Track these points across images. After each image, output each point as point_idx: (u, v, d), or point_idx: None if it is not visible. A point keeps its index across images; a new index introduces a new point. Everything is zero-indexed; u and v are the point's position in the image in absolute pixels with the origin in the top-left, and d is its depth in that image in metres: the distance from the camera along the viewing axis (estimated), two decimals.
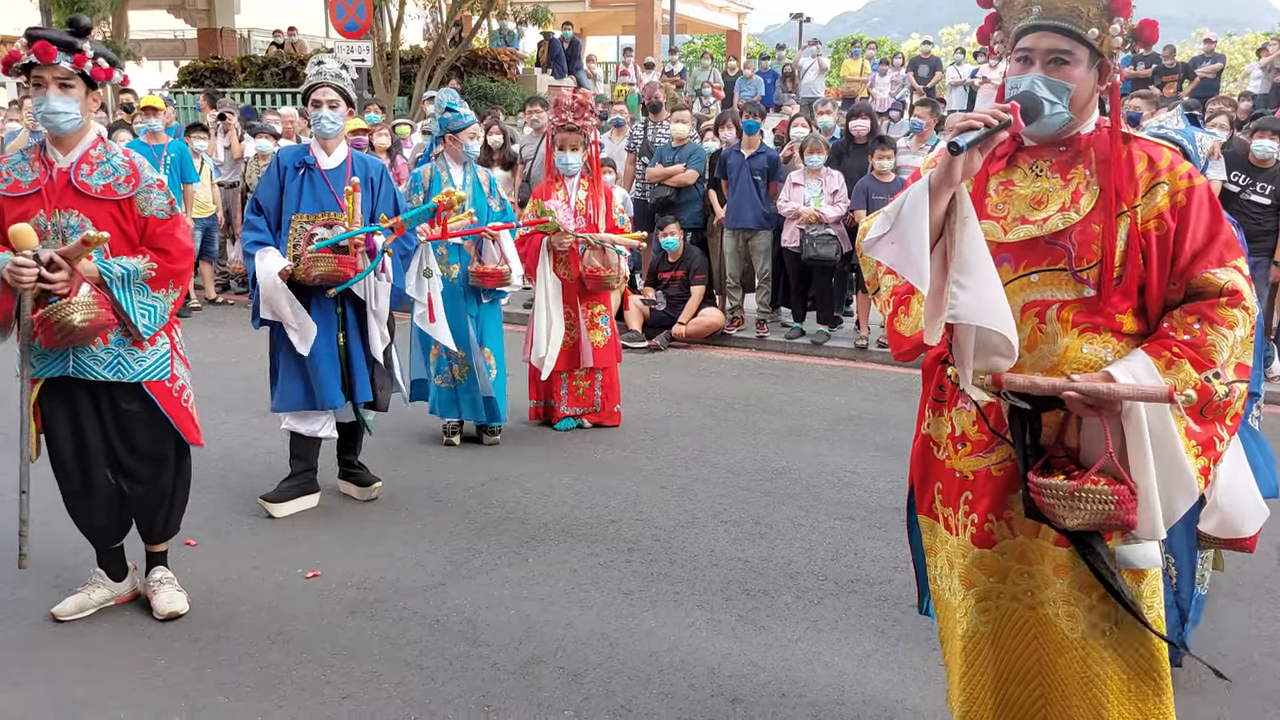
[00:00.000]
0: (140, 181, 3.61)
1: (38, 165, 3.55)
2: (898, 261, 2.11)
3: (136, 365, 3.64)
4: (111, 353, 3.59)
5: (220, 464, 5.56)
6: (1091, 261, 2.17)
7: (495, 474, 5.50)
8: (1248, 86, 16.34)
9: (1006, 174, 2.29)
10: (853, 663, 3.58)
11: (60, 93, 3.46)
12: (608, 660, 3.57)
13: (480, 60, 19.45)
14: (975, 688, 2.43)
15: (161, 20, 24.26)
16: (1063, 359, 2.20)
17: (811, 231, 8.41)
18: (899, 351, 2.35)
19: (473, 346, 5.83)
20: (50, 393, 3.62)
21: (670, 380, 7.74)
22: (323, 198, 4.73)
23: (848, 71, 19.06)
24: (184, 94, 18.44)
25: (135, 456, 3.75)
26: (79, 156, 3.56)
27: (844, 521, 4.87)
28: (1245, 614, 3.98)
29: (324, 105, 4.72)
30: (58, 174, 3.54)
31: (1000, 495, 2.32)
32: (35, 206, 3.50)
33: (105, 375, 3.60)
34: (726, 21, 31.99)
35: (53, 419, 3.66)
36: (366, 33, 15.63)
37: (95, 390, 3.65)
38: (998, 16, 2.28)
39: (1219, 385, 2.11)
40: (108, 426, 3.70)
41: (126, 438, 3.72)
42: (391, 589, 4.11)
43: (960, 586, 2.41)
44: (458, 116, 5.79)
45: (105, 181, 3.56)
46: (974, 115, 2.06)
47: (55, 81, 3.45)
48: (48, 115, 3.47)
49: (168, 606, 3.83)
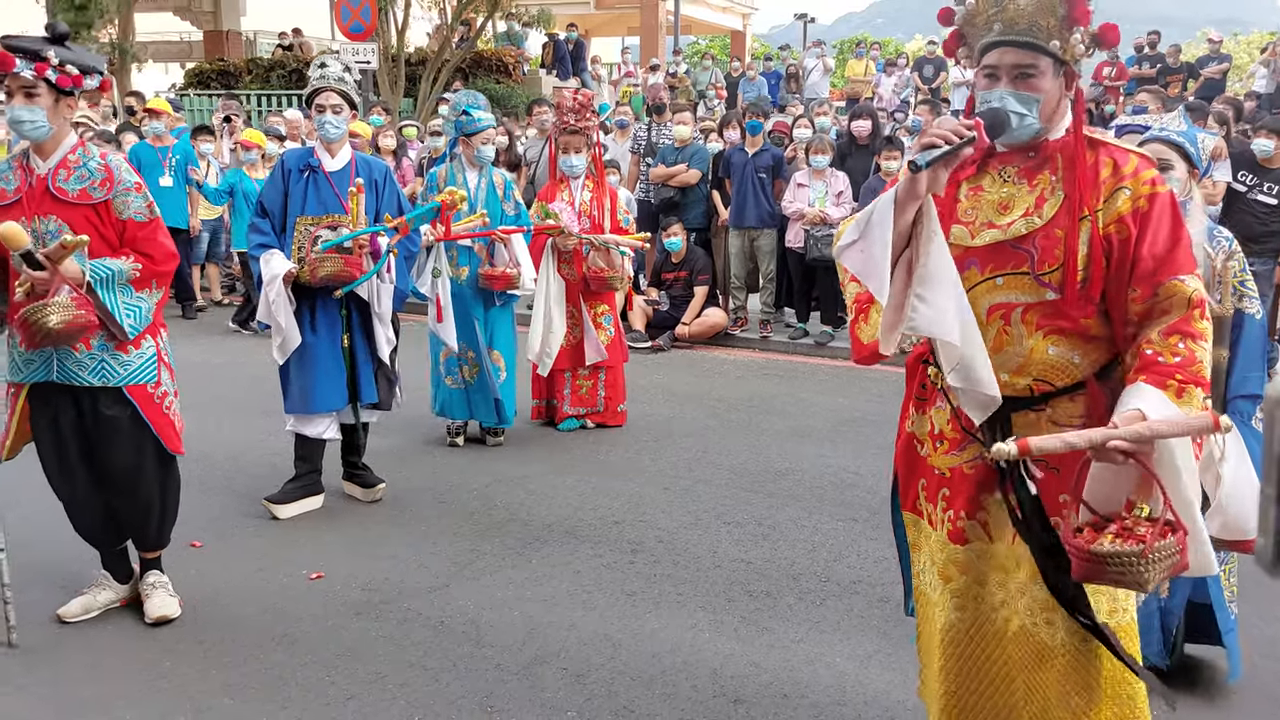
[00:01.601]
0: (115, 184, 3.61)
1: (20, 173, 3.58)
2: (862, 270, 2.13)
3: (121, 369, 3.63)
4: (95, 358, 3.59)
5: (225, 465, 5.58)
6: (1053, 265, 2.18)
7: (499, 475, 5.51)
8: (1253, 86, 16.30)
9: (977, 179, 2.31)
10: (855, 664, 3.58)
11: (25, 101, 3.49)
12: (610, 661, 3.58)
13: (485, 62, 19.45)
14: (952, 679, 2.44)
15: (168, 22, 24.29)
16: (1028, 361, 2.22)
17: (816, 232, 8.42)
18: (858, 357, 2.39)
19: (482, 348, 5.85)
20: (34, 399, 3.64)
21: (673, 381, 7.75)
22: (327, 200, 4.75)
23: (852, 72, 19.05)
24: (190, 96, 18.46)
25: (113, 466, 3.72)
26: (57, 162, 3.59)
27: (847, 523, 4.88)
28: (1245, 614, 3.97)
29: (328, 110, 4.74)
30: (37, 180, 3.57)
31: (973, 494, 2.34)
32: (17, 214, 3.51)
33: (90, 380, 3.59)
34: (731, 22, 31.96)
35: (37, 426, 3.67)
36: (371, 35, 15.64)
37: (78, 396, 3.64)
38: (961, 33, 2.29)
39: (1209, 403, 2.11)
40: (89, 435, 3.69)
41: (105, 446, 3.69)
42: (396, 590, 4.12)
43: (939, 581, 2.44)
44: (471, 120, 5.79)
45: (81, 186, 3.57)
46: (936, 132, 2.07)
47: (20, 90, 3.48)
48: (14, 123, 3.52)
49: (158, 611, 3.83)
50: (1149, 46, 17.01)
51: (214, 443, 5.85)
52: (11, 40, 3.49)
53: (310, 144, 5.19)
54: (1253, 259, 7.37)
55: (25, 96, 3.48)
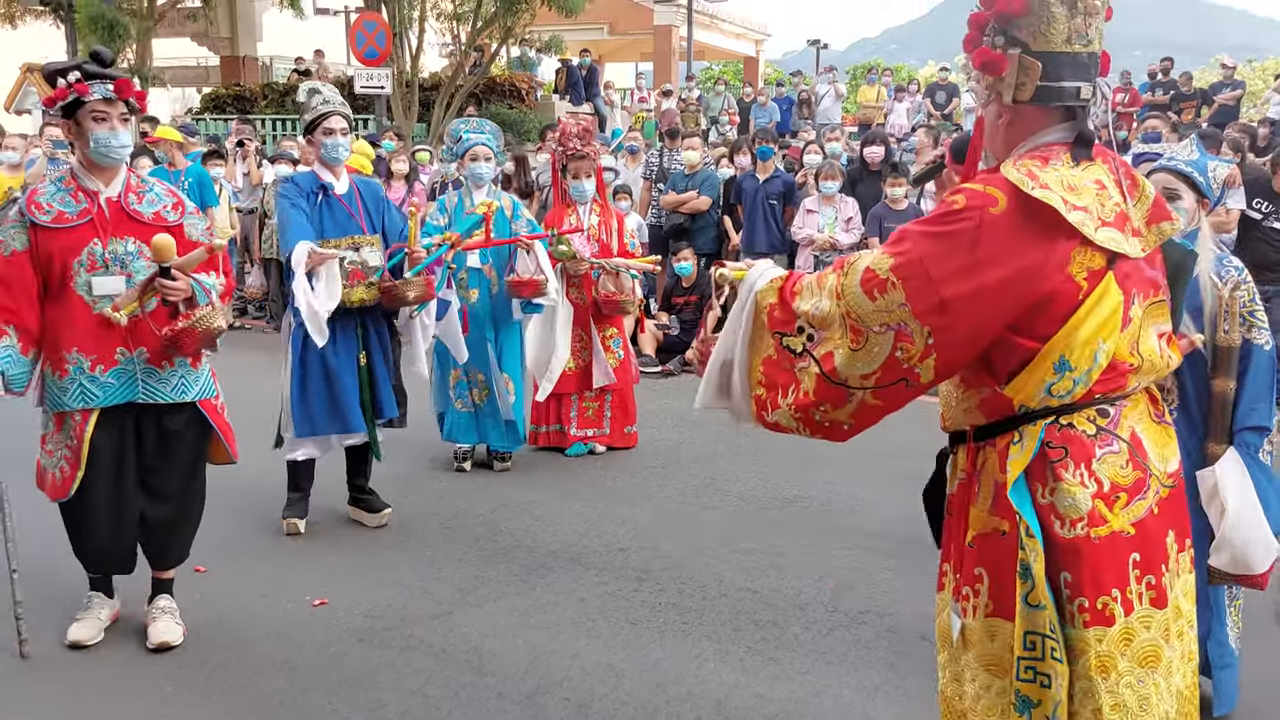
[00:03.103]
0: (185, 208, 3.78)
1: (81, 195, 3.61)
2: None
3: (195, 385, 3.79)
4: (175, 374, 3.72)
5: (232, 489, 5.55)
6: None
7: (505, 500, 5.49)
8: (1267, 113, 16.26)
9: None
10: (862, 696, 3.54)
11: (123, 125, 3.60)
12: (614, 691, 3.55)
13: (498, 87, 19.60)
14: None
15: (185, 47, 24.56)
16: None
17: (825, 258, 8.40)
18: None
19: (493, 369, 5.85)
20: (100, 424, 3.65)
21: (682, 406, 7.71)
22: (343, 221, 4.81)
23: (864, 98, 19.10)
24: (206, 120, 18.64)
25: (172, 481, 3.81)
26: (123, 186, 3.67)
27: (855, 551, 4.83)
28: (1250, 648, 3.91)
29: (337, 132, 4.78)
30: (107, 203, 3.62)
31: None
32: (88, 236, 3.57)
33: (171, 397, 3.72)
34: (744, 48, 32.14)
35: (98, 450, 3.66)
36: (386, 60, 15.78)
37: (141, 415, 3.71)
38: None
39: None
40: (148, 452, 3.75)
41: (169, 461, 3.79)
42: (399, 617, 4.10)
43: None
44: (462, 142, 5.85)
45: (155, 209, 3.70)
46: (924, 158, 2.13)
47: (118, 115, 3.57)
48: (117, 149, 3.58)
49: (161, 636, 3.81)
50: (1162, 73, 17.02)
51: (221, 467, 5.82)
52: (91, 66, 3.56)
53: (305, 169, 5.28)
54: (1268, 286, 7.32)
55: (121, 121, 3.59)
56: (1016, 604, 2.04)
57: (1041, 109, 2.09)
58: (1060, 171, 2.02)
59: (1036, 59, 2.05)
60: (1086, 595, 2.01)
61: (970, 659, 2.16)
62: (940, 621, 2.29)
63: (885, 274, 2.00)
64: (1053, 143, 2.09)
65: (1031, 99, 2.07)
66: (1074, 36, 2.05)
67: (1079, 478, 2.02)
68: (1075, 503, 2.01)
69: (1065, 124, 2.10)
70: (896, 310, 1.99)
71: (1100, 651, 2.01)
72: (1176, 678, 2.12)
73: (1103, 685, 2.01)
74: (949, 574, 2.24)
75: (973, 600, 2.14)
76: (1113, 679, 2.02)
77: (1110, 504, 2.03)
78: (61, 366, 3.59)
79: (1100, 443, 2.05)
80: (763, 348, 2.20)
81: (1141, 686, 2.04)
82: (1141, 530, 2.05)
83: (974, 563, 2.13)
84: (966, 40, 2.12)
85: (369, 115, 17.17)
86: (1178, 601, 2.11)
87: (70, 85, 3.49)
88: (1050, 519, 2.03)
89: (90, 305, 3.57)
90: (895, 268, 2.00)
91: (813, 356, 2.12)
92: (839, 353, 2.07)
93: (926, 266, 1.97)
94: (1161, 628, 2.07)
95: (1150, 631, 2.06)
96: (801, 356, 2.14)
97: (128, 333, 3.61)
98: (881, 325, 2.01)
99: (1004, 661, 2.08)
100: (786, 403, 2.16)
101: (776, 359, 2.17)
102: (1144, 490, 2.07)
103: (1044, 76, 2.05)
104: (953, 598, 2.20)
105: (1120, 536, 2.03)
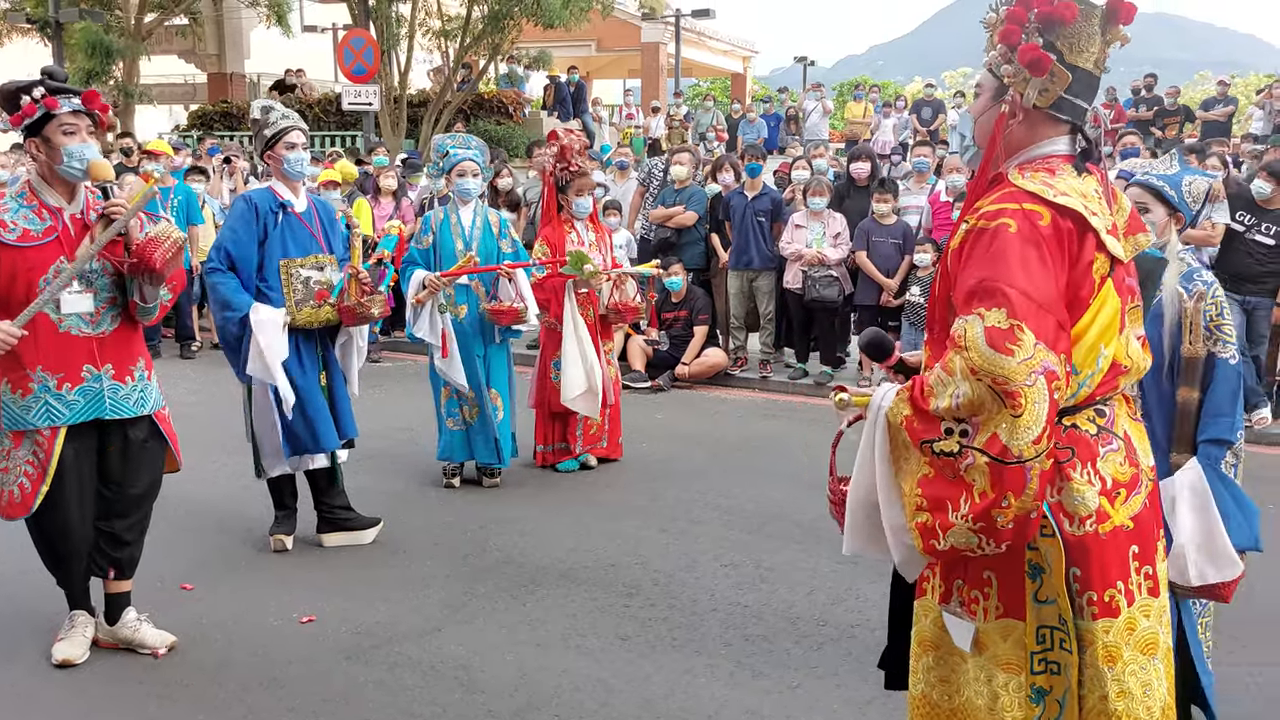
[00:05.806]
0: (144, 224, 3.72)
1: (45, 213, 3.59)
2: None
3: (150, 397, 3.79)
4: (136, 388, 3.73)
5: (219, 506, 5.54)
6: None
7: (494, 517, 5.46)
8: (1250, 128, 16.41)
9: None
10: (852, 710, 3.52)
11: (91, 138, 3.61)
12: (603, 707, 3.52)
13: (487, 103, 19.65)
14: None
15: (173, 65, 24.55)
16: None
17: (814, 273, 8.42)
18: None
19: (482, 387, 5.83)
20: (69, 437, 3.64)
21: (672, 421, 7.71)
22: (304, 241, 4.76)
23: (851, 114, 19.20)
24: (192, 137, 18.61)
25: (133, 491, 3.80)
26: (85, 202, 3.66)
27: (845, 565, 4.81)
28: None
29: (298, 147, 4.74)
30: (72, 220, 3.61)
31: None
32: (54, 254, 3.55)
33: (133, 411, 3.72)
34: (731, 65, 32.32)
35: (64, 466, 3.64)
36: (374, 77, 15.80)
37: (104, 429, 3.70)
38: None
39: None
40: (111, 464, 3.75)
41: (134, 472, 3.78)
42: (387, 634, 4.07)
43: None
44: (448, 158, 5.85)
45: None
46: None
47: (86, 128, 3.57)
48: (79, 160, 3.55)
49: (166, 640, 3.87)
50: (1145, 89, 17.15)
51: (208, 483, 5.80)
52: (54, 83, 3.55)
53: (260, 185, 5.27)
54: (1251, 299, 7.40)
55: (89, 134, 3.59)
56: (1026, 602, 2.12)
57: (1053, 119, 2.15)
58: (1069, 181, 2.10)
59: (1068, 70, 2.10)
60: (1095, 589, 2.10)
61: (984, 661, 2.19)
62: (920, 628, 2.32)
63: (1006, 323, 1.93)
64: (1053, 154, 2.15)
65: (1050, 107, 2.13)
66: (1100, 60, 2.13)
67: (1086, 476, 2.10)
68: (1084, 500, 2.09)
69: (1068, 137, 2.17)
70: (1034, 351, 1.92)
71: (1107, 642, 2.10)
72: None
73: (1109, 674, 2.10)
74: (931, 579, 2.28)
75: (982, 603, 2.18)
76: (1118, 668, 2.10)
77: (1113, 500, 2.11)
78: (25, 385, 3.56)
79: (1102, 441, 2.13)
80: (912, 470, 2.05)
81: (1144, 673, 2.13)
82: (1138, 523, 2.14)
83: (981, 567, 2.15)
84: (1005, 33, 2.12)
85: (357, 132, 17.17)
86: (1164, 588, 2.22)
87: (38, 100, 3.49)
88: (1059, 517, 2.10)
89: (57, 324, 3.56)
90: (1011, 313, 1.94)
91: (975, 449, 1.94)
92: (1003, 428, 1.92)
93: (1032, 297, 1.96)
94: (1159, 615, 2.16)
95: (1149, 620, 2.14)
96: (963, 454, 1.96)
97: (95, 349, 3.61)
98: (1030, 375, 1.91)
99: (1018, 658, 2.14)
100: (959, 516, 1.97)
101: (934, 474, 2.00)
102: (1138, 485, 2.16)
103: (1069, 89, 2.11)
104: (958, 603, 2.22)
105: (1122, 531, 2.12)
